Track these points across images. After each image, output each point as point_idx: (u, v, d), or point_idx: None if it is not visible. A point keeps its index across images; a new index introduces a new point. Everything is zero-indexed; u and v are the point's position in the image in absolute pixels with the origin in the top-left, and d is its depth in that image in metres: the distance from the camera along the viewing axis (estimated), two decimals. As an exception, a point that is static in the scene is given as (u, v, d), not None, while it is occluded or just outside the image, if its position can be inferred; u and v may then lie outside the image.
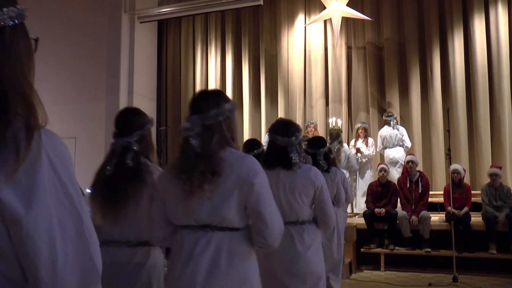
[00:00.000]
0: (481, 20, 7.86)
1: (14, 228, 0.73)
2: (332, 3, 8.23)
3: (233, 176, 1.66)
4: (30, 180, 0.74)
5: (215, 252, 1.65)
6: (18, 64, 0.87)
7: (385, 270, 6.18)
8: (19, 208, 0.72)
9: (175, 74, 9.98)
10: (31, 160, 0.75)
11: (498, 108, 7.67)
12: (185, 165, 1.68)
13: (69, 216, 0.78)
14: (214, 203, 1.65)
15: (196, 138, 1.68)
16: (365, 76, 8.68)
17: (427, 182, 6.52)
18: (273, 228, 1.70)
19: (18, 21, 0.88)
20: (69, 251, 0.76)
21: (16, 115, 0.78)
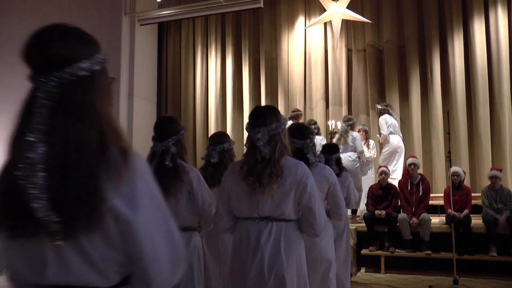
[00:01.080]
0: (481, 22, 7.88)
1: (125, 226, 0.98)
2: (332, 6, 8.25)
3: (291, 179, 2.10)
4: (132, 191, 0.99)
5: (276, 239, 2.10)
6: (105, 100, 1.08)
7: (386, 272, 6.18)
8: (127, 212, 0.98)
9: (175, 76, 9.99)
10: (130, 177, 0.99)
11: (498, 110, 7.67)
12: (254, 169, 2.08)
13: (160, 217, 1.04)
14: (275, 200, 2.10)
15: (265, 147, 2.09)
16: (365, 79, 8.69)
17: (428, 185, 6.52)
18: (320, 220, 2.15)
19: (103, 65, 1.10)
20: (162, 242, 1.03)
21: (111, 142, 1.01)
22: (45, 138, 0.96)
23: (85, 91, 1.02)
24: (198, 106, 9.68)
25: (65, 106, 0.98)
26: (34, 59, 1.01)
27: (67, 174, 0.95)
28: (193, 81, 9.84)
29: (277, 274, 2.07)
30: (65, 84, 0.99)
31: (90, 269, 1.00)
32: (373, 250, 6.34)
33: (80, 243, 0.98)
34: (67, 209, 0.94)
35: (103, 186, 0.96)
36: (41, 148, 0.95)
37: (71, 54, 1.01)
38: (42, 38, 1.01)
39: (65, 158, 0.96)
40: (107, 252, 1.00)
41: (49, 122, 0.96)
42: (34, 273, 1.01)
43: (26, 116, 0.99)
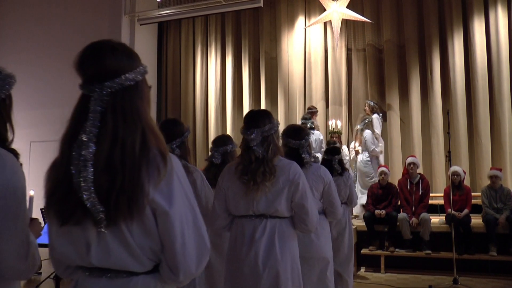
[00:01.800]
0: (481, 22, 7.87)
1: (162, 217, 1.14)
2: (332, 5, 8.25)
3: (284, 178, 2.22)
4: (169, 188, 1.14)
5: (270, 235, 2.21)
6: (146, 106, 1.22)
7: (386, 272, 6.18)
8: (165, 205, 1.13)
9: (175, 76, 9.99)
10: (168, 175, 1.14)
11: (498, 110, 7.67)
12: (248, 168, 2.20)
13: (189, 211, 1.18)
14: (269, 198, 2.22)
15: (258, 147, 2.21)
16: (365, 78, 8.68)
17: (427, 185, 6.51)
18: (312, 217, 2.29)
19: (144, 76, 1.23)
20: (191, 234, 1.17)
21: (151, 143, 1.16)
22: (96, 139, 1.11)
23: (131, 98, 1.18)
24: (198, 106, 9.68)
25: (114, 111, 1.14)
26: (88, 70, 1.17)
27: (113, 170, 1.10)
28: (193, 80, 9.84)
29: (271, 268, 2.18)
30: (114, 93, 1.15)
31: (128, 254, 1.15)
32: (373, 250, 6.34)
33: (121, 231, 1.13)
34: (112, 200, 1.09)
35: (145, 181, 1.11)
36: (92, 147, 1.10)
37: (120, 66, 1.17)
38: (95, 52, 1.18)
39: (112, 156, 1.10)
40: (143, 240, 1.15)
41: (100, 125, 1.12)
42: (78, 256, 1.17)
43: (79, 119, 1.15)
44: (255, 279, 2.17)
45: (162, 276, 1.20)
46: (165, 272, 1.18)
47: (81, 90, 1.18)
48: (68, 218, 1.13)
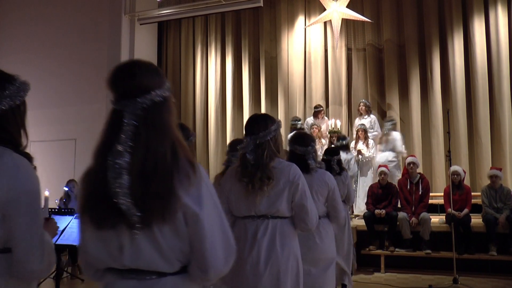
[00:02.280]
0: (481, 21, 7.87)
1: (193, 219, 1.22)
2: (332, 5, 8.25)
3: (284, 180, 2.30)
4: (198, 193, 1.24)
5: (272, 234, 2.29)
6: (173, 119, 1.32)
7: (385, 271, 6.18)
8: (196, 208, 1.22)
9: (175, 76, 9.98)
10: (197, 182, 1.24)
11: (498, 110, 7.67)
12: (245, 172, 2.29)
13: (216, 214, 1.28)
14: (270, 199, 2.29)
15: (250, 154, 2.28)
16: (365, 78, 8.69)
17: (427, 184, 6.51)
18: (312, 216, 2.36)
19: (170, 91, 1.34)
20: (218, 235, 1.26)
21: (180, 153, 1.26)
22: (130, 149, 1.21)
23: (160, 112, 1.28)
24: (198, 106, 9.68)
25: (146, 125, 1.24)
26: (120, 88, 1.28)
27: (147, 177, 1.20)
28: (193, 80, 9.84)
29: (272, 266, 2.25)
30: (145, 108, 1.25)
31: (158, 255, 1.23)
32: (373, 249, 6.34)
33: (153, 233, 1.20)
34: (146, 205, 1.18)
35: (177, 187, 1.21)
36: (127, 156, 1.20)
37: (150, 84, 1.28)
38: (127, 71, 1.29)
39: (145, 164, 1.21)
40: (174, 242, 1.23)
41: (134, 137, 1.22)
42: (111, 257, 1.25)
43: (113, 131, 1.24)
44: (257, 276, 2.24)
45: (191, 275, 1.27)
46: (195, 271, 1.26)
47: (114, 105, 1.29)
48: (103, 222, 1.22)
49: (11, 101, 1.50)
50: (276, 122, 2.38)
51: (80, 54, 9.24)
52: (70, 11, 9.25)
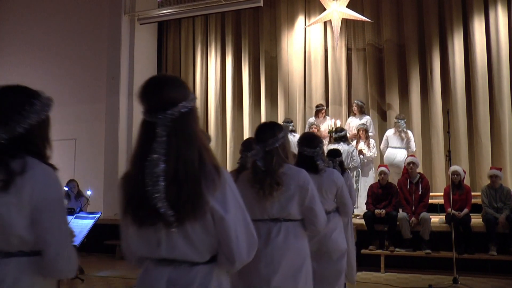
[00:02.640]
0: (481, 21, 7.88)
1: (219, 221, 1.40)
2: (332, 5, 8.25)
3: (294, 184, 2.42)
4: (223, 196, 1.41)
5: (284, 235, 2.42)
6: (198, 127, 1.47)
7: (385, 271, 6.18)
8: (222, 212, 1.40)
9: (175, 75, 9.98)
10: (222, 186, 1.41)
11: (498, 110, 7.68)
12: (256, 179, 2.42)
13: (240, 212, 1.46)
14: (281, 203, 2.43)
15: (260, 161, 2.42)
16: (365, 78, 8.69)
17: (427, 184, 6.51)
18: (320, 219, 2.50)
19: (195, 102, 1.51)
20: (242, 231, 1.45)
21: (206, 159, 1.42)
22: (164, 158, 1.36)
23: (188, 122, 1.44)
24: (197, 105, 9.64)
25: (176, 135, 1.39)
26: (151, 101, 1.44)
27: (179, 182, 1.36)
28: (193, 80, 9.84)
29: (285, 264, 2.40)
30: (174, 119, 1.40)
31: (191, 248, 1.43)
32: (373, 249, 6.34)
33: (186, 230, 1.40)
34: (180, 207, 1.36)
35: (204, 191, 1.37)
36: (162, 165, 1.36)
37: (177, 97, 1.44)
38: (156, 85, 1.47)
39: (177, 171, 1.37)
40: (204, 237, 1.42)
41: (166, 146, 1.37)
42: (150, 250, 1.46)
43: (146, 141, 1.40)
44: (270, 273, 2.38)
45: (219, 264, 1.47)
46: (223, 261, 1.46)
47: (145, 117, 1.45)
48: (143, 221, 1.41)
49: (38, 117, 1.61)
50: (283, 130, 2.50)
51: (80, 54, 9.24)
52: (70, 10, 9.25)
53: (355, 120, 7.92)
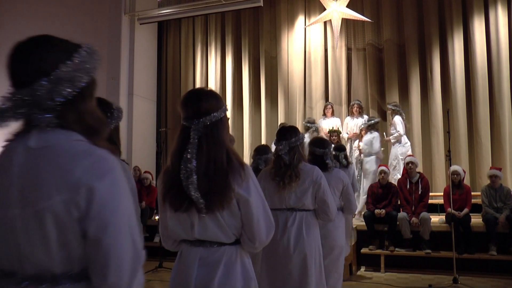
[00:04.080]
0: (481, 21, 7.87)
1: (244, 203, 1.71)
2: (332, 5, 8.24)
3: (309, 179, 2.83)
4: (247, 185, 1.72)
5: (299, 224, 2.82)
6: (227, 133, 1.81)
7: (385, 271, 6.18)
8: (246, 195, 1.71)
9: (175, 75, 9.99)
10: (246, 178, 1.73)
11: (498, 110, 7.67)
12: (278, 172, 2.83)
13: (260, 200, 1.76)
14: (297, 195, 2.84)
15: (286, 155, 2.81)
16: (365, 78, 8.68)
17: (427, 184, 6.51)
18: (332, 208, 2.89)
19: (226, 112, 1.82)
20: (261, 215, 1.75)
21: (232, 157, 1.75)
22: (196, 156, 1.69)
23: (218, 128, 1.75)
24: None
25: (207, 138, 1.72)
26: (189, 110, 1.76)
27: (209, 176, 1.68)
28: (193, 80, 9.83)
29: (300, 250, 2.77)
30: (207, 125, 1.73)
31: (220, 230, 1.74)
32: (373, 249, 6.34)
33: (215, 216, 1.71)
34: (210, 197, 1.67)
35: (232, 182, 1.69)
36: (194, 162, 1.68)
37: (211, 107, 1.75)
38: (194, 97, 1.78)
39: (208, 168, 1.69)
40: (230, 221, 1.73)
41: (198, 147, 1.70)
42: (185, 232, 1.78)
43: (183, 142, 1.73)
44: (287, 257, 2.77)
45: (242, 244, 1.78)
46: (245, 241, 1.76)
47: (183, 123, 1.77)
48: (179, 207, 1.72)
49: (115, 122, 2.10)
50: (301, 133, 2.97)
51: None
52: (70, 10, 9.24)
53: (353, 120, 7.90)
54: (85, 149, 1.07)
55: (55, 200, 1.01)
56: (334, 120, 8.01)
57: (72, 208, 1.02)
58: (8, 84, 1.08)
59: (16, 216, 1.04)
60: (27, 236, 1.04)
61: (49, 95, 1.05)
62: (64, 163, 1.03)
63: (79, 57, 1.13)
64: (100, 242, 1.03)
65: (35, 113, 1.05)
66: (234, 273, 1.74)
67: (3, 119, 1.05)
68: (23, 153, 1.06)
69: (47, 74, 1.06)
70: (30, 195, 1.03)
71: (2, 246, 1.06)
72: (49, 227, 1.02)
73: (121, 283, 1.05)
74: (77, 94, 1.09)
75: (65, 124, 1.08)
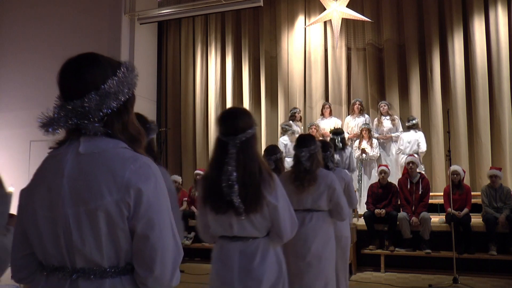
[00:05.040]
0: (481, 21, 7.87)
1: (273, 209, 2.05)
2: (332, 4, 8.24)
3: (324, 183, 3.16)
4: (276, 193, 2.06)
5: (315, 222, 3.17)
6: (257, 147, 2.11)
7: (385, 271, 6.18)
8: (275, 202, 2.04)
9: (175, 75, 9.98)
10: (275, 187, 2.05)
11: (498, 109, 7.67)
12: (298, 176, 3.15)
13: (286, 204, 2.11)
14: (314, 198, 3.17)
15: (307, 161, 3.13)
16: (365, 78, 8.68)
17: (427, 184, 6.51)
18: (345, 209, 3.23)
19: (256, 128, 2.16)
20: (287, 215, 2.11)
21: (263, 168, 2.07)
22: (235, 169, 2.01)
23: (251, 144, 2.07)
24: (198, 105, 9.68)
25: (243, 152, 2.04)
26: (227, 128, 2.06)
27: (246, 186, 2.01)
28: (193, 80, 9.83)
29: (317, 244, 3.15)
30: (242, 141, 2.04)
31: (254, 228, 2.11)
32: (373, 249, 6.34)
33: (250, 217, 2.06)
34: (247, 203, 2.01)
35: (263, 191, 2.02)
36: (235, 174, 2.01)
37: (246, 125, 2.07)
38: (232, 116, 2.09)
39: (244, 178, 2.01)
40: (262, 221, 2.10)
41: (236, 161, 2.02)
42: (224, 230, 2.14)
43: (222, 155, 2.05)
44: (305, 249, 3.13)
45: (271, 239, 2.14)
46: (274, 237, 2.14)
47: (220, 138, 2.07)
48: (219, 210, 2.05)
49: (152, 134, 2.43)
50: (318, 140, 3.33)
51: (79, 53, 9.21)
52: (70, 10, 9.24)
53: (354, 120, 7.91)
54: (132, 155, 1.20)
55: (107, 200, 1.13)
56: (334, 120, 8.01)
57: (123, 207, 1.14)
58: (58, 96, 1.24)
59: (68, 214, 1.14)
60: (79, 233, 1.14)
61: (98, 106, 1.18)
62: (114, 167, 1.16)
63: (122, 73, 1.27)
64: (147, 238, 1.15)
65: (85, 122, 1.18)
66: (269, 258, 2.12)
67: (56, 128, 1.20)
68: (73, 158, 1.18)
69: (97, 88, 1.19)
70: (83, 196, 1.14)
71: (55, 243, 1.17)
72: (101, 224, 1.14)
73: (165, 275, 1.17)
74: (121, 106, 1.22)
75: (111, 133, 1.21)
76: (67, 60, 1.29)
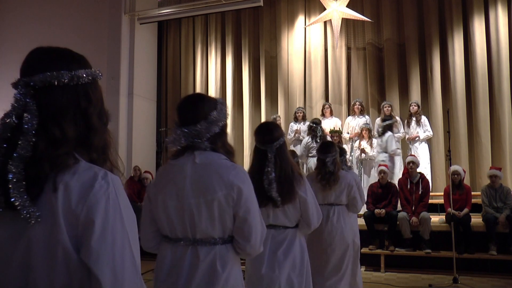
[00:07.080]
0: (481, 21, 7.87)
1: (304, 202, 2.50)
2: (332, 4, 8.24)
3: (344, 182, 3.77)
4: (304, 189, 2.50)
5: (338, 216, 3.78)
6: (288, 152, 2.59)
7: (385, 271, 6.18)
8: (305, 196, 2.49)
9: (175, 75, 9.98)
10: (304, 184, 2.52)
11: (498, 109, 7.67)
12: (323, 177, 3.70)
13: (313, 198, 2.57)
14: (336, 194, 3.78)
15: (332, 165, 3.69)
16: (365, 77, 8.68)
17: (427, 184, 6.51)
18: (360, 204, 3.88)
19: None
20: (314, 207, 2.60)
21: (295, 170, 2.53)
22: (274, 170, 2.41)
23: (284, 149, 2.48)
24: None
25: (278, 157, 2.43)
26: (265, 137, 2.49)
27: (282, 183, 2.41)
28: (193, 80, 9.83)
29: (341, 234, 3.75)
30: (277, 148, 2.45)
31: (286, 218, 2.51)
32: (373, 249, 6.34)
33: (284, 209, 2.47)
34: (283, 196, 2.41)
35: (296, 187, 2.43)
36: (273, 173, 2.41)
37: (278, 135, 2.49)
38: (267, 129, 2.54)
39: (280, 177, 2.41)
40: (294, 212, 2.50)
41: (274, 163, 2.42)
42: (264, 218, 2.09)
43: (262, 159, 2.45)
44: (330, 239, 3.71)
45: (300, 228, 2.55)
46: (303, 225, 2.54)
47: (259, 146, 2.48)
48: (261, 203, 2.09)
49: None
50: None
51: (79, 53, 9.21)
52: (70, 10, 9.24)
53: (354, 120, 7.91)
54: (231, 164, 1.77)
55: (219, 194, 1.70)
56: (334, 120, 8.02)
57: (229, 199, 1.70)
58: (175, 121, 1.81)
59: (192, 203, 1.71)
60: (199, 216, 1.71)
61: (206, 130, 1.74)
62: (221, 172, 1.72)
63: (219, 107, 1.80)
64: (246, 220, 1.73)
65: (198, 141, 1.74)
66: (294, 246, 2.52)
67: (176, 144, 1.75)
68: (191, 165, 1.73)
69: (205, 118, 1.75)
70: (201, 191, 1.71)
71: (183, 222, 1.73)
72: (214, 210, 1.71)
73: (257, 243, 1.78)
74: (220, 130, 1.78)
75: (216, 148, 1.77)
76: (185, 97, 1.86)
